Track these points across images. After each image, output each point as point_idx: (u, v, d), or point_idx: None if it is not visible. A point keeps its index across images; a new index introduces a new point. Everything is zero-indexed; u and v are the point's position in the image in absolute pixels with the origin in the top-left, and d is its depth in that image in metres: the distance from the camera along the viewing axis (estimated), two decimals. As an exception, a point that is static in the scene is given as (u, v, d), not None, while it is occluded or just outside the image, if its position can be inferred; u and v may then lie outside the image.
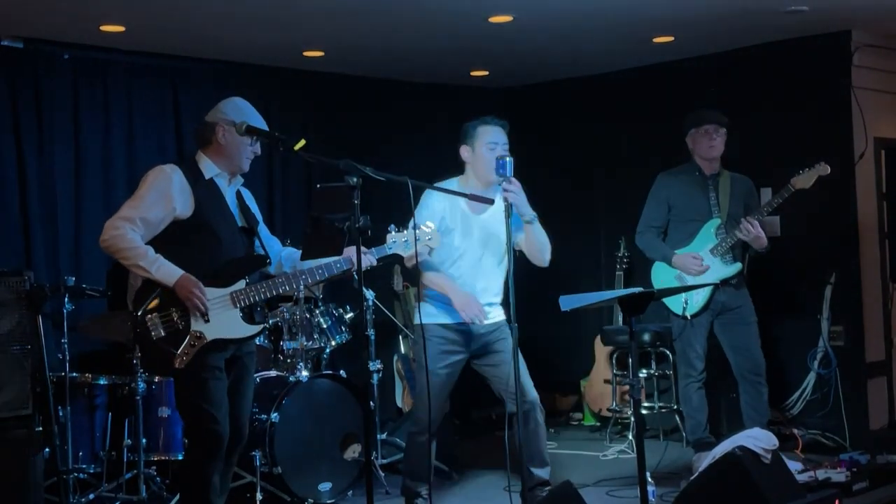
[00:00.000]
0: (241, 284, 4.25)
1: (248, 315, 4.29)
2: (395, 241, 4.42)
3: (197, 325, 4.14)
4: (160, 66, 6.59)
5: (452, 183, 4.84)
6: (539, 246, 4.79)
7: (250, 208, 4.46)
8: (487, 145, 4.78)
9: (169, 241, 4.17)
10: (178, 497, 5.05)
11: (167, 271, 4.10)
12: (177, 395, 4.34)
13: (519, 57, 7.08)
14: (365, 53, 6.78)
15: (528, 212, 4.67)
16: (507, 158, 4.53)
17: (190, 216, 4.18)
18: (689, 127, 5.96)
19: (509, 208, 4.48)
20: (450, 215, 4.80)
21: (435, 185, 4.72)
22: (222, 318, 4.18)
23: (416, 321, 4.83)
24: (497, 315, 4.95)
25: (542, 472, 4.87)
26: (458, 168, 4.93)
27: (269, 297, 4.37)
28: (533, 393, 4.86)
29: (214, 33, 6.09)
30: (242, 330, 4.27)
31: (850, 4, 5.91)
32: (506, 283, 4.85)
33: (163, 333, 4.12)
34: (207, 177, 4.27)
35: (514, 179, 4.52)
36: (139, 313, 4.13)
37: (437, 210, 4.75)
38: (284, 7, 5.56)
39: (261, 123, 4.31)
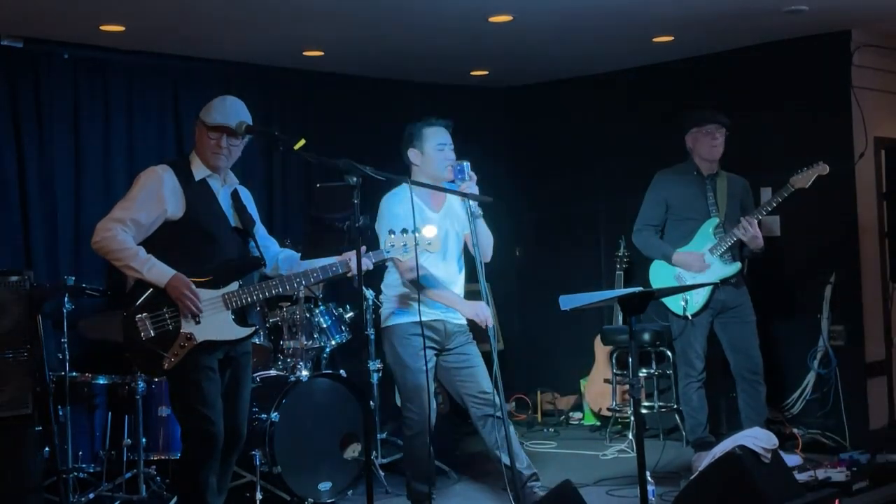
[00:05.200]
0: (234, 286, 4.24)
1: (240, 317, 4.28)
2: (392, 245, 4.41)
3: (187, 326, 4.13)
4: (160, 66, 6.59)
5: (405, 189, 4.76)
6: (487, 241, 4.83)
7: (246, 208, 4.44)
8: (437, 147, 4.84)
9: (162, 242, 4.18)
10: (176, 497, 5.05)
11: (159, 271, 4.09)
12: (171, 396, 4.35)
13: (519, 57, 7.08)
14: (365, 53, 6.78)
15: (478, 209, 4.73)
16: (465, 163, 4.67)
17: (181, 217, 4.18)
18: (691, 126, 5.94)
19: (471, 212, 4.62)
20: (417, 219, 4.71)
21: (386, 197, 4.80)
22: (214, 319, 4.18)
23: (392, 322, 4.85)
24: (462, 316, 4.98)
25: (528, 469, 4.88)
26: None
27: (261, 300, 4.36)
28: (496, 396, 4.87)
29: (214, 33, 6.09)
30: (234, 332, 4.26)
31: (850, 4, 5.91)
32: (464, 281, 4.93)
33: (152, 334, 4.12)
34: (199, 178, 4.26)
35: (472, 175, 4.65)
36: (127, 313, 4.14)
37: (400, 216, 4.68)
38: (284, 7, 5.56)
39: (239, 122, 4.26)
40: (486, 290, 4.57)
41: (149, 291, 4.13)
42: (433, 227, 4.48)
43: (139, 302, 4.13)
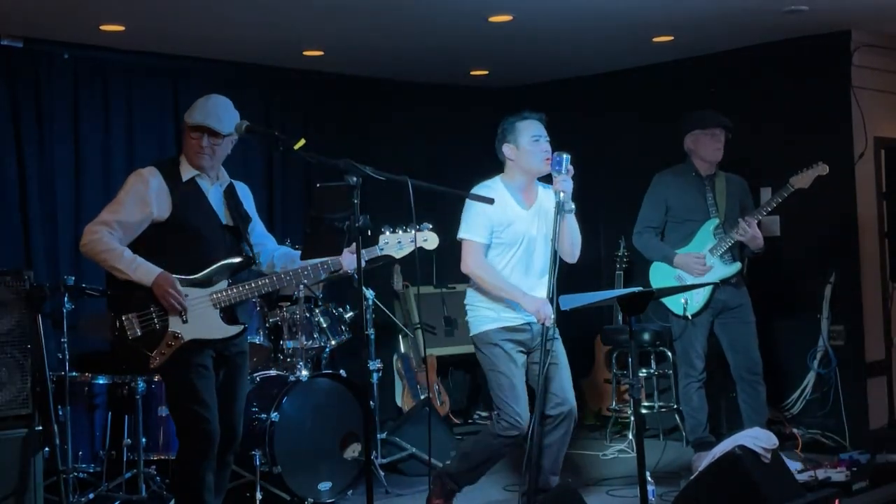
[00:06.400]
0: (222, 285, 4.25)
1: (229, 315, 4.29)
2: (386, 243, 4.38)
3: (175, 325, 4.15)
4: (160, 66, 6.60)
5: (496, 181, 4.81)
6: (573, 239, 4.73)
7: (241, 205, 4.43)
8: (532, 139, 4.78)
9: (150, 243, 4.20)
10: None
11: (145, 270, 4.11)
12: (167, 395, 4.36)
13: (519, 57, 7.08)
14: (365, 53, 6.78)
15: (570, 203, 4.63)
16: (565, 155, 4.61)
17: (168, 218, 4.19)
18: (692, 128, 5.92)
19: (559, 205, 4.51)
20: (501, 213, 4.73)
21: (475, 188, 4.75)
22: (201, 318, 4.19)
23: (478, 330, 4.78)
24: None
25: (552, 481, 4.81)
26: (458, 166, 4.92)
27: (251, 298, 4.36)
28: (573, 400, 4.81)
29: (214, 33, 6.10)
30: (221, 331, 4.26)
31: (850, 4, 5.91)
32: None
33: (139, 333, 4.14)
34: (186, 178, 4.26)
35: (571, 168, 4.58)
36: (115, 313, 4.16)
37: (489, 213, 4.68)
38: (284, 7, 5.56)
39: (221, 122, 4.23)
40: (554, 288, 4.43)
41: (136, 291, 4.14)
42: (428, 226, 4.48)
43: (127, 302, 4.15)
